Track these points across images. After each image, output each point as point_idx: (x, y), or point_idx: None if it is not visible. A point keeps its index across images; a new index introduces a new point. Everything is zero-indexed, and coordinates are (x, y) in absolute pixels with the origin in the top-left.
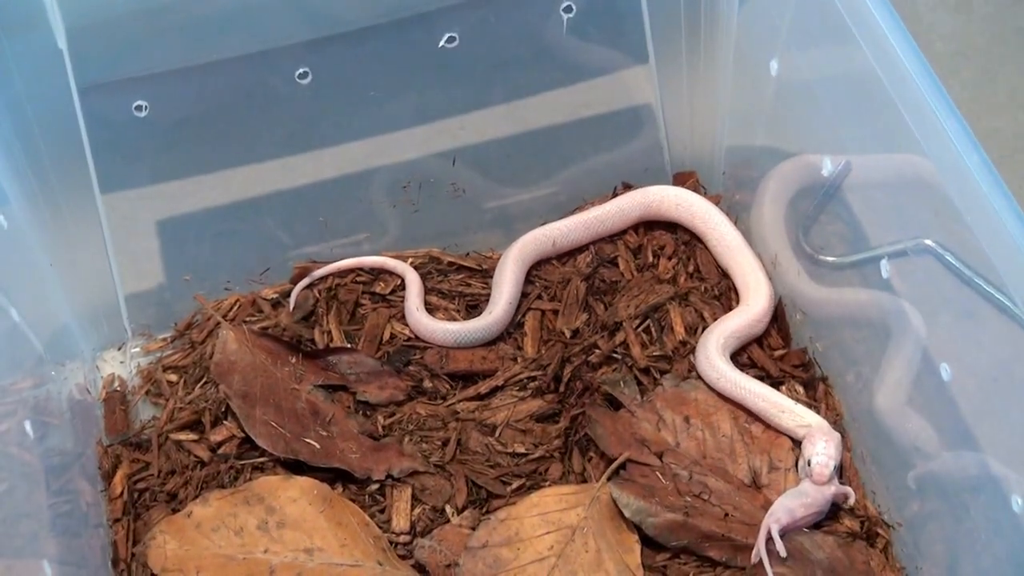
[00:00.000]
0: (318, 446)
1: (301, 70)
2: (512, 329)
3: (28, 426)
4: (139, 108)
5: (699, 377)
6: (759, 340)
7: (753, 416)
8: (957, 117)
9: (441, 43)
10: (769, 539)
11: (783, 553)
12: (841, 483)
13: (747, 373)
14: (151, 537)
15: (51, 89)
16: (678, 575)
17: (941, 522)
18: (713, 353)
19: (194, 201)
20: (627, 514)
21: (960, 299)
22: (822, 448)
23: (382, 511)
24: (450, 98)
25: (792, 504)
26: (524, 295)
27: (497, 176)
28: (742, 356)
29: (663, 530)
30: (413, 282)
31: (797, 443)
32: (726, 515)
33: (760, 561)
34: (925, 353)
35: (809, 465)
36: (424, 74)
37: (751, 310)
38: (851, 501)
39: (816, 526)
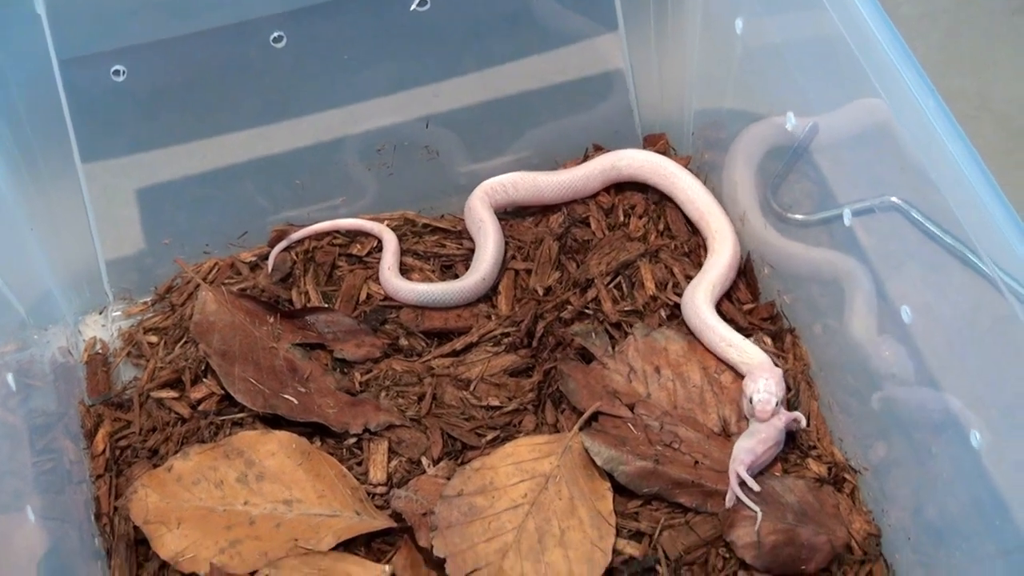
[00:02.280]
0: (296, 402)
1: (275, 34)
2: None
3: (11, 388)
4: (117, 73)
5: (681, 322)
6: (728, 294)
7: (723, 366)
8: (923, 77)
9: (413, 6)
10: (741, 483)
11: (756, 488)
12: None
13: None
14: (133, 491)
15: (32, 59)
16: (650, 521)
17: (906, 467)
18: (698, 293)
19: (173, 169)
20: (599, 462)
21: (925, 252)
22: (762, 385)
23: (359, 464)
24: (424, 65)
25: (749, 444)
26: None
27: (471, 140)
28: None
29: (634, 478)
30: (390, 242)
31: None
32: (696, 463)
33: (734, 506)
34: (887, 298)
35: (752, 403)
36: (398, 41)
37: (718, 268)
38: (803, 424)
39: (784, 468)
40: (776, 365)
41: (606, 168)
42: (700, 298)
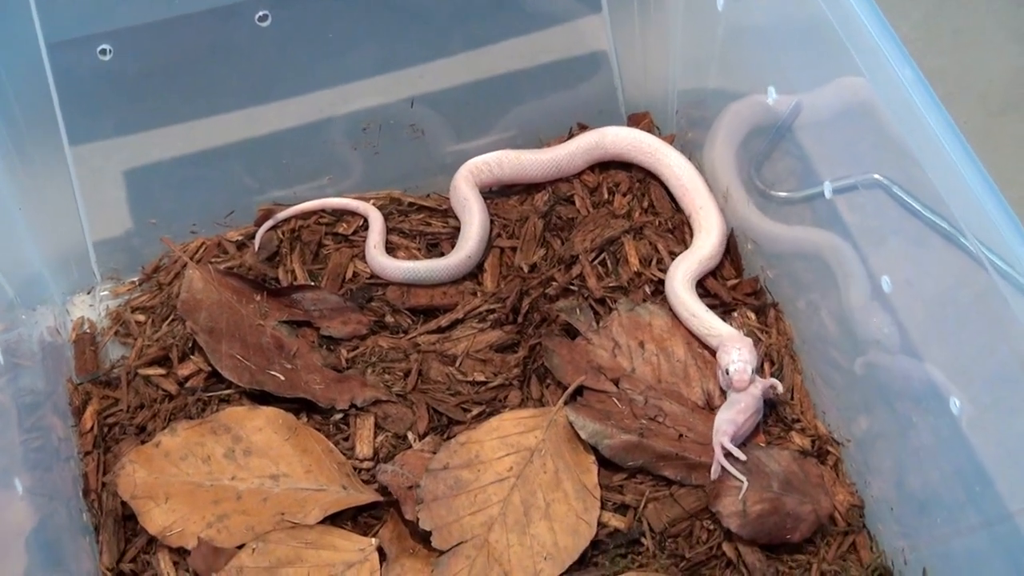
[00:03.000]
0: (283, 378)
1: (261, 13)
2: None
3: (0, 366)
4: (104, 52)
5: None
6: (712, 271)
7: None
8: (905, 55)
9: None
10: (726, 454)
11: (742, 457)
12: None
13: (703, 301)
14: (121, 466)
15: (19, 41)
16: (635, 493)
17: (888, 439)
18: (679, 270)
19: (160, 150)
20: (583, 436)
21: (907, 228)
22: (736, 355)
23: (346, 439)
24: (410, 45)
25: (730, 415)
26: None
27: (456, 120)
28: (697, 288)
29: (619, 451)
30: (376, 220)
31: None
32: (680, 436)
33: (719, 477)
34: (870, 273)
35: (728, 374)
36: (384, 21)
37: (704, 247)
38: (779, 389)
39: (768, 441)
40: (744, 336)
41: (591, 146)
42: (679, 275)
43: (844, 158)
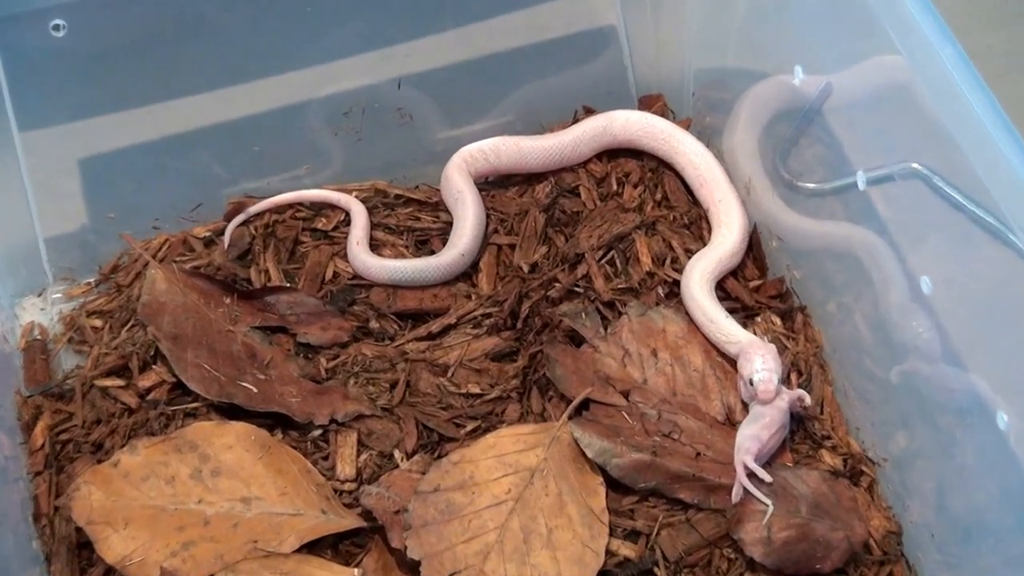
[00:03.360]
0: (255, 390)
1: None
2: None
3: None
4: (57, 28)
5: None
6: (733, 271)
7: None
8: (947, 33)
9: None
10: (749, 474)
11: (768, 478)
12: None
13: (720, 305)
14: (75, 488)
15: None
16: (647, 519)
17: (929, 457)
18: (695, 270)
19: (119, 137)
20: (590, 454)
21: (949, 223)
22: (760, 364)
23: (325, 458)
24: (396, 20)
25: (754, 431)
26: None
27: (448, 103)
28: (716, 290)
29: (629, 471)
30: (359, 215)
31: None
32: (698, 454)
33: (742, 500)
34: (908, 273)
35: (751, 385)
36: None
37: (724, 244)
38: (807, 402)
39: (795, 460)
40: (767, 343)
41: (597, 132)
42: (696, 275)
43: (879, 145)
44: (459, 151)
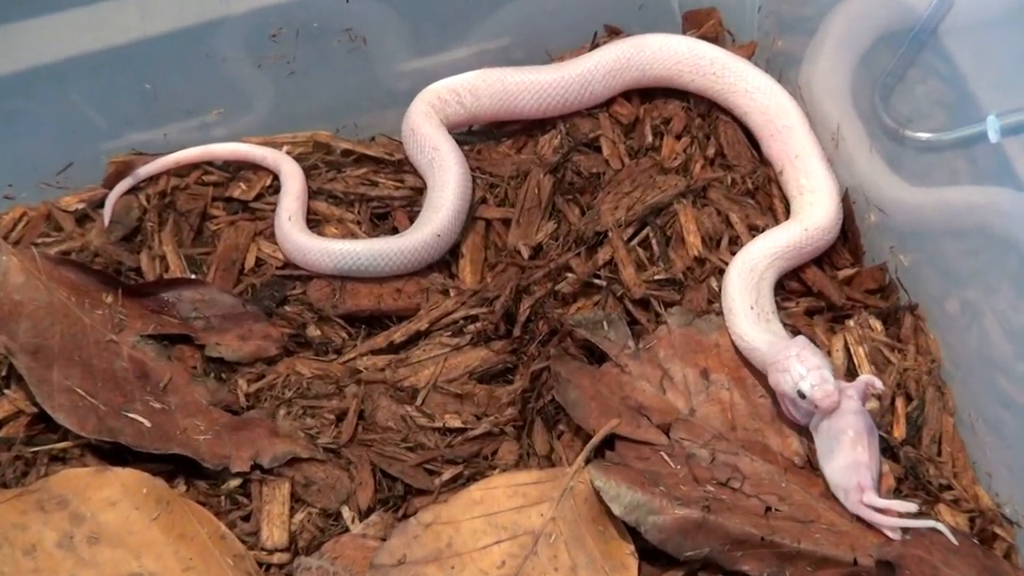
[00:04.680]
0: (148, 424)
1: None
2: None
3: None
4: None
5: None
6: (817, 258)
7: None
8: None
9: None
10: (880, 511)
11: (910, 507)
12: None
13: (798, 303)
14: None
15: None
16: None
17: None
18: (737, 263)
19: None
20: (617, 511)
21: None
22: (799, 367)
23: (246, 518)
24: None
25: (847, 459)
26: None
27: (416, 21)
28: (790, 279)
29: (672, 534)
30: (292, 177)
31: None
32: (768, 509)
33: (903, 542)
34: None
35: (805, 396)
36: None
37: (803, 218)
38: (878, 385)
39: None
40: (796, 337)
41: (622, 63)
42: (739, 259)
43: (1018, 81)
44: (422, 92)
